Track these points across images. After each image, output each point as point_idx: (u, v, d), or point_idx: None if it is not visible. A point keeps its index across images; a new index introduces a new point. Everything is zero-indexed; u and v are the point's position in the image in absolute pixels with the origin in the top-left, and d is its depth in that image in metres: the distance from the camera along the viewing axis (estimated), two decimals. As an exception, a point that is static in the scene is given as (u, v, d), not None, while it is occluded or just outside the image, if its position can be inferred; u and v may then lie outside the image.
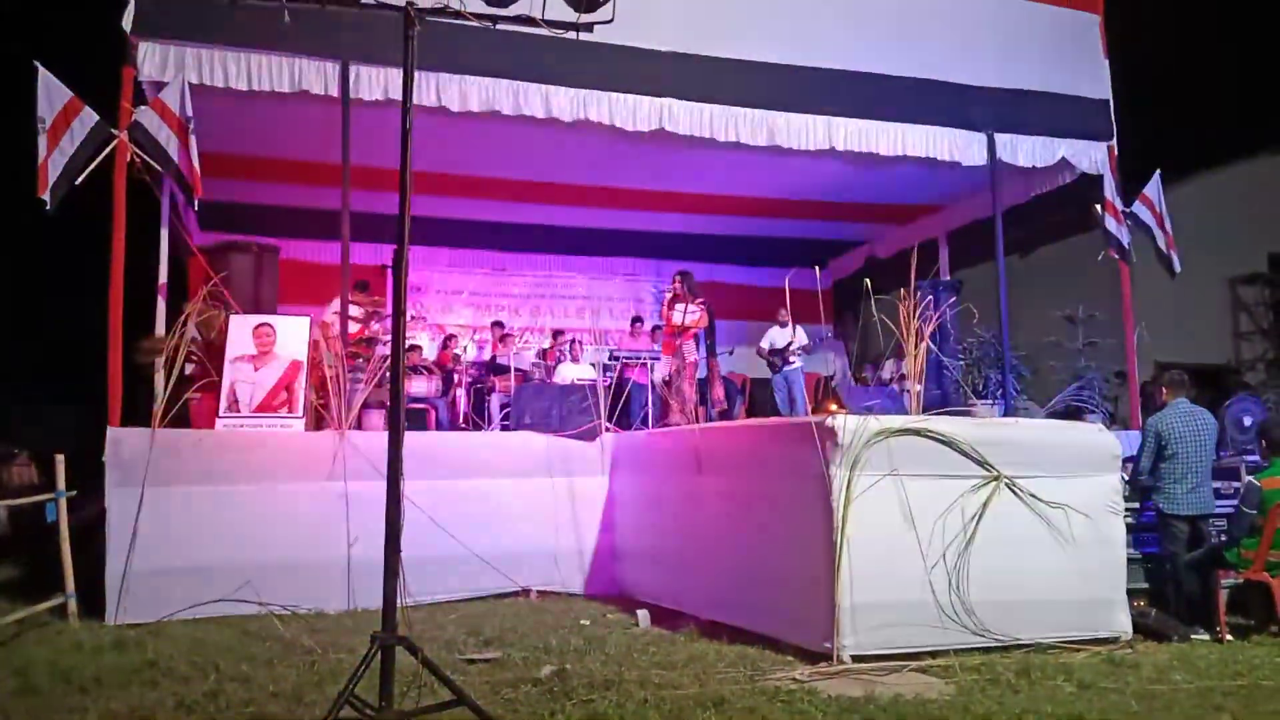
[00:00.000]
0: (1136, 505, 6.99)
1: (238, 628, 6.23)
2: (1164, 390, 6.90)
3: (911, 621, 5.46)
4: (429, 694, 3.67)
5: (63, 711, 4.24)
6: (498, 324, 12.55)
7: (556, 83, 8.35)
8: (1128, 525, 6.26)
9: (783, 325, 11.34)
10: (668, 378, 9.91)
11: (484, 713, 3.58)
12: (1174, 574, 6.52)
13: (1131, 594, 6.13)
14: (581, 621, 6.62)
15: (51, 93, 7.10)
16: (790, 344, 11.27)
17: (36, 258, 18.02)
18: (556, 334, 12.51)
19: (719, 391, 10.57)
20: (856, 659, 5.25)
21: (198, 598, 6.60)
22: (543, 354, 12.02)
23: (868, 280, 7.75)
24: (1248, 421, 8.51)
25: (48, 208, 7.01)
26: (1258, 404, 10.03)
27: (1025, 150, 9.81)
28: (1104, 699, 4.57)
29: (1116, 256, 9.77)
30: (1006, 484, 5.76)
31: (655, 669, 5.09)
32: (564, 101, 8.40)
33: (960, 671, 5.05)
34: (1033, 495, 5.80)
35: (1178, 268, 10.03)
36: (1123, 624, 5.93)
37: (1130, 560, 6.19)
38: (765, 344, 11.50)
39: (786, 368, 11.27)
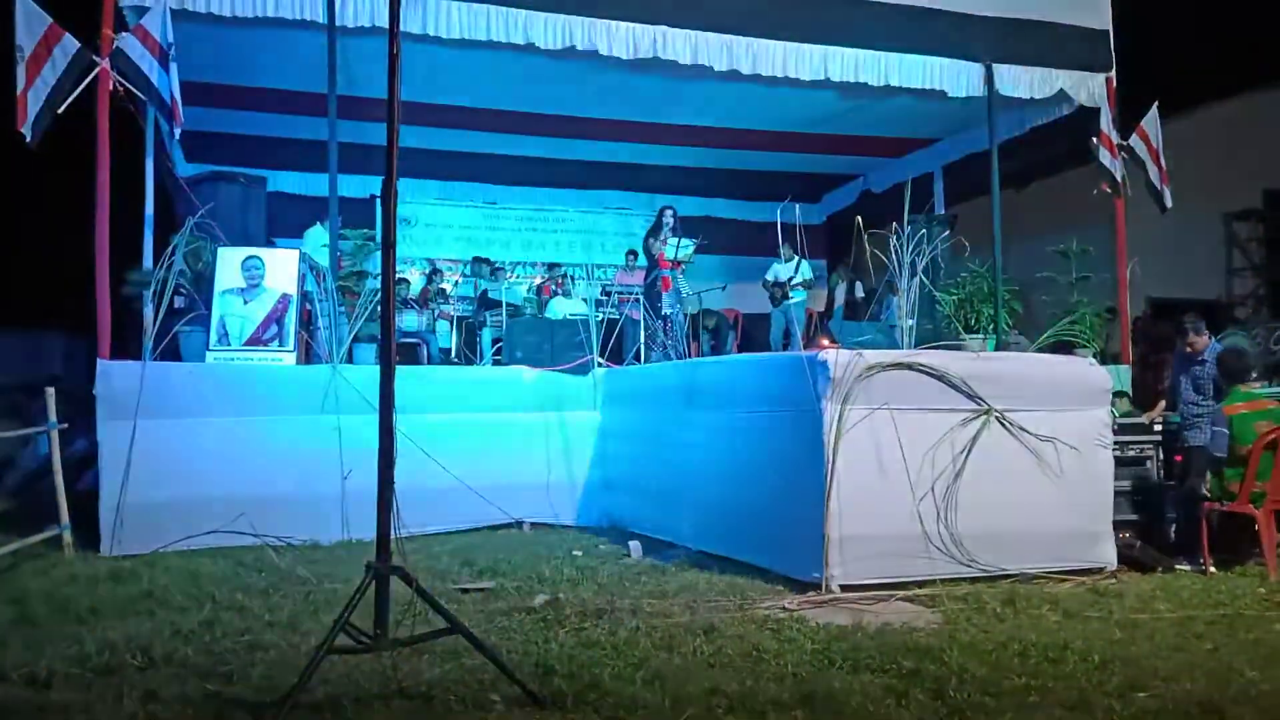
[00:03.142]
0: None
1: (233, 559, 6.27)
2: (1201, 335, 6.99)
3: (900, 552, 5.53)
4: (423, 623, 3.71)
5: (60, 641, 4.27)
6: (481, 260, 12.47)
7: (547, 9, 8.17)
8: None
9: (785, 260, 11.29)
10: (669, 311, 9.95)
11: (478, 641, 3.62)
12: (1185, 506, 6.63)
13: (1117, 526, 6.22)
14: (574, 552, 6.68)
15: (31, 19, 6.89)
16: (792, 278, 11.25)
17: (20, 190, 17.78)
18: (552, 267, 12.46)
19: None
20: (845, 588, 5.33)
21: (192, 529, 6.64)
22: (538, 289, 11.99)
23: (859, 218, 7.70)
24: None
25: (28, 140, 6.84)
26: (1246, 339, 10.07)
27: (1023, 81, 9.63)
28: (1087, 627, 4.65)
29: (1109, 191, 9.69)
30: (996, 417, 5.80)
31: (647, 598, 5.16)
32: (555, 29, 8.21)
33: (947, 601, 5.13)
34: (1022, 429, 5.84)
35: (1169, 203, 9.96)
36: (1108, 555, 6.01)
37: (1116, 493, 6.27)
38: (769, 276, 11.48)
39: (788, 301, 11.26)
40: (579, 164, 12.86)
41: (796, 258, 11.27)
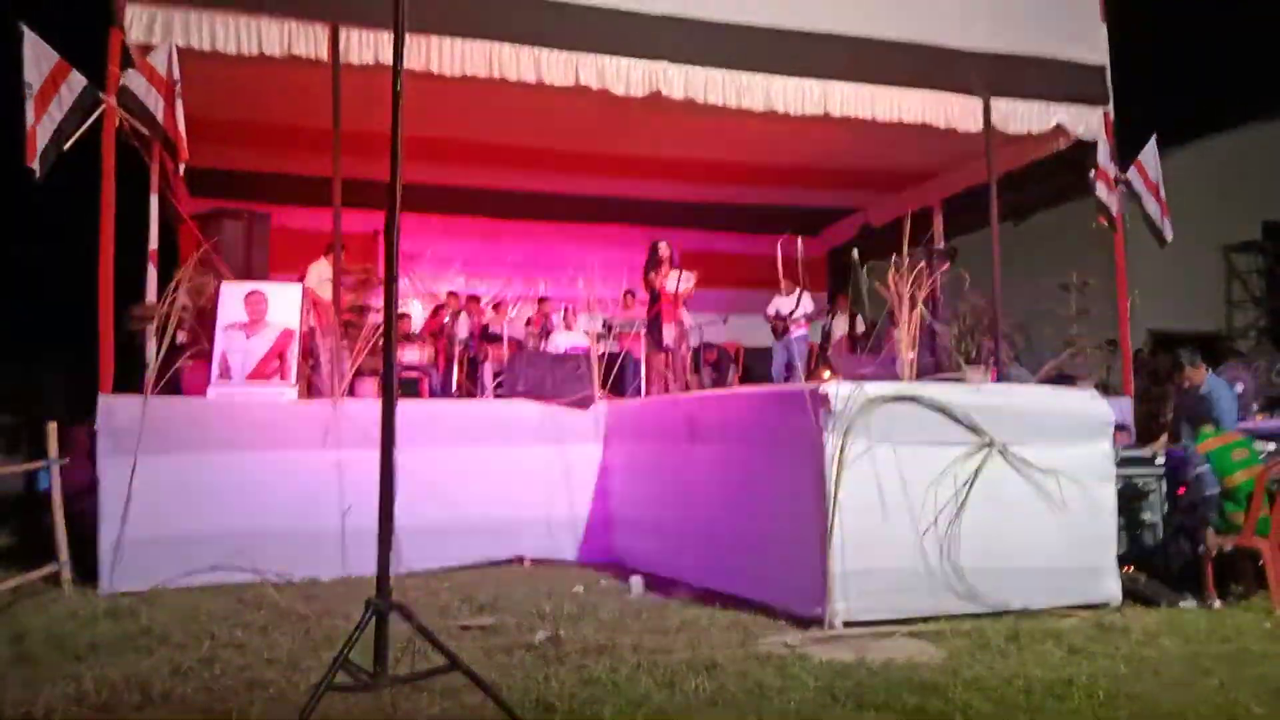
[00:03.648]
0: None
1: (232, 595, 6.24)
2: (1197, 368, 6.99)
3: (903, 587, 5.49)
4: (423, 660, 3.68)
5: (58, 679, 4.24)
6: (473, 298, 12.47)
7: (549, 46, 8.25)
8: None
9: (787, 294, 11.32)
10: (672, 345, 9.97)
11: (478, 678, 3.59)
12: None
13: (1121, 559, 6.18)
14: (575, 588, 6.65)
15: (39, 56, 6.98)
16: (793, 312, 11.28)
17: (25, 224, 17.89)
18: (541, 301, 12.49)
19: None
20: (848, 624, 5.28)
21: (192, 566, 6.61)
22: (528, 321, 12.02)
23: (855, 250, 7.73)
24: (1239, 388, 8.58)
25: (37, 176, 6.89)
26: (1247, 371, 10.08)
27: (1021, 116, 9.72)
28: (1093, 663, 4.61)
29: (1106, 224, 9.74)
30: (999, 451, 5.77)
31: (648, 634, 5.12)
32: (557, 65, 8.29)
33: (951, 636, 5.09)
34: (1025, 462, 5.82)
35: (1169, 236, 10.00)
36: (1112, 590, 5.97)
37: (1120, 526, 6.23)
38: (771, 310, 11.51)
39: (788, 335, 11.29)
40: (581, 198, 12.94)
41: (798, 291, 11.31)
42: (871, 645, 4.94)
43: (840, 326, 12.19)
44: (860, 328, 11.92)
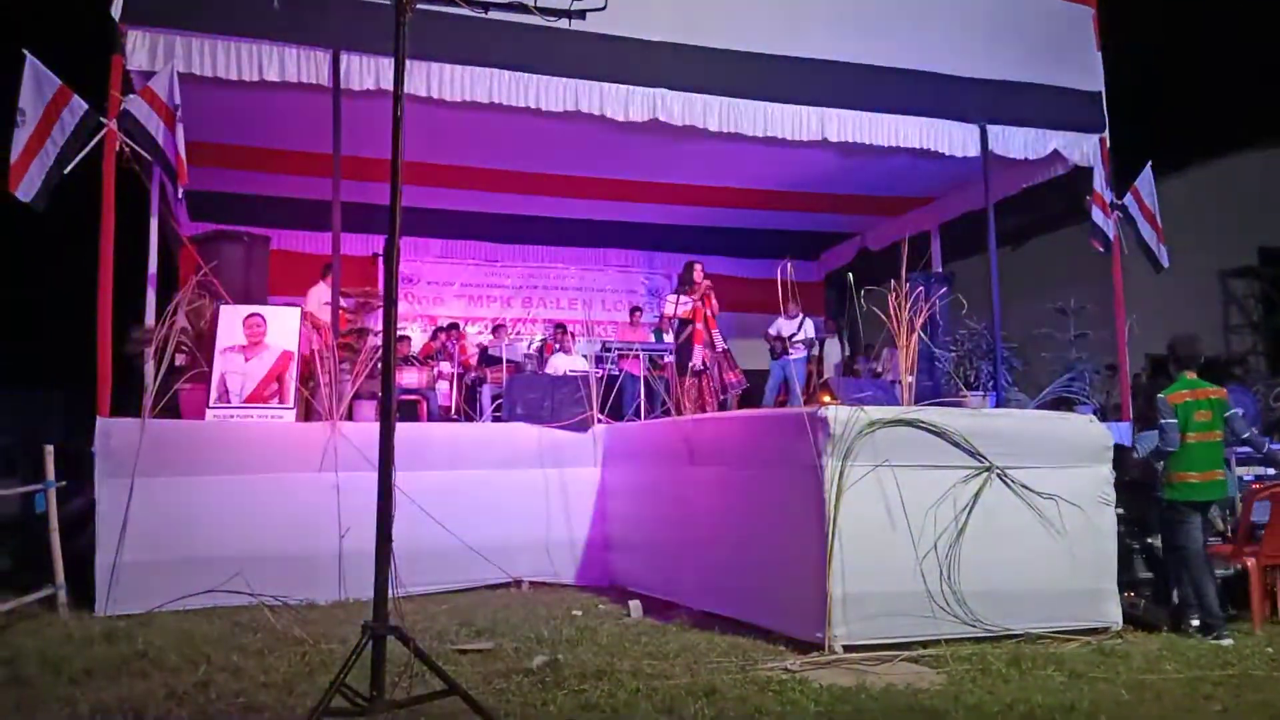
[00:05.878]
0: None
1: (228, 619, 6.21)
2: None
3: (903, 611, 5.47)
4: (421, 684, 3.67)
5: (53, 703, 4.22)
6: (453, 326, 12.46)
7: (549, 72, 8.31)
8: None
9: (790, 317, 11.39)
10: (703, 367, 10.03)
11: (475, 703, 3.58)
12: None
13: (1123, 585, 6.15)
14: (573, 612, 6.62)
15: (41, 82, 7.00)
16: (794, 335, 11.33)
17: (24, 247, 17.92)
18: (559, 328, 12.50)
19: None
20: (848, 649, 5.26)
21: (188, 589, 6.58)
22: (541, 348, 12.03)
23: (850, 275, 7.76)
24: (1239, 412, 8.55)
25: (28, 201, 6.86)
26: (1248, 395, 10.08)
27: (1017, 142, 9.79)
28: (1094, 689, 4.59)
29: (1100, 249, 9.78)
30: (998, 475, 5.77)
31: (647, 659, 5.10)
32: (556, 91, 8.35)
33: (951, 661, 5.07)
34: (1024, 486, 5.81)
35: (1165, 262, 10.03)
36: (1113, 614, 5.95)
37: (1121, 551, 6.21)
38: (772, 330, 11.56)
39: (786, 357, 11.34)
40: (580, 222, 12.99)
41: (801, 315, 11.36)
42: (871, 670, 4.93)
43: (833, 350, 12.24)
44: (848, 352, 11.99)
